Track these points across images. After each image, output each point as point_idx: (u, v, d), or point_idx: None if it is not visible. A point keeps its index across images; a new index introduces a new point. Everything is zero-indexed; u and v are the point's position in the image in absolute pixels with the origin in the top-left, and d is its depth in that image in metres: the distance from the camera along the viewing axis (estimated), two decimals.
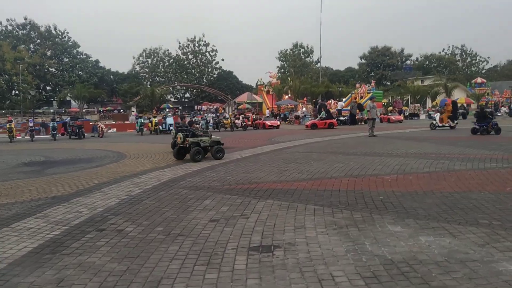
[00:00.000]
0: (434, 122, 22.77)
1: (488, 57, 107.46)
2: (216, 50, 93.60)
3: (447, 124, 22.47)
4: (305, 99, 59.66)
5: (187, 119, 24.73)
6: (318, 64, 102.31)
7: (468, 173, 9.06)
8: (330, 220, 5.80)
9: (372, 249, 4.61)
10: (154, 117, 26.17)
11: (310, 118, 28.71)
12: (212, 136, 13.10)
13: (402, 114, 35.56)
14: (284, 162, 11.63)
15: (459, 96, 63.48)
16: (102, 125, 24.17)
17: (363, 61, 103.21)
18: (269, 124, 26.90)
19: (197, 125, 15.51)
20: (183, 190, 8.16)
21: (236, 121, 26.04)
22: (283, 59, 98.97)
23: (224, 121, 26.55)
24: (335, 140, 17.82)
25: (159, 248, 4.86)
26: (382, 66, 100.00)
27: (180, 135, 12.56)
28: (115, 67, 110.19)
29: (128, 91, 64.95)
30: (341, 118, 29.82)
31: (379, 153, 13.02)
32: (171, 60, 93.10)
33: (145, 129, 25.12)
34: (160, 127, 24.58)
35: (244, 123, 25.65)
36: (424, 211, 6.12)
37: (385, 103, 53.45)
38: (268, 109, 57.40)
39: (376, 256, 4.40)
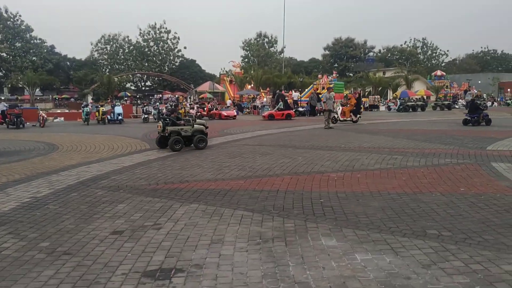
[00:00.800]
0: (336, 116, 20.95)
1: (448, 51, 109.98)
2: (178, 38, 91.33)
3: (348, 119, 21.20)
4: (268, 89, 58.88)
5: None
6: (282, 54, 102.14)
7: (421, 171, 8.38)
8: (256, 231, 4.88)
9: (295, 273, 3.71)
10: (102, 105, 24.59)
11: (269, 109, 27.83)
12: (195, 125, 12.52)
13: (361, 106, 35.14)
14: (228, 156, 10.67)
15: (420, 88, 64.26)
16: (43, 114, 22.40)
17: (327, 52, 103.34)
18: (225, 114, 25.78)
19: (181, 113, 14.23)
20: (100, 191, 7.07)
21: (191, 111, 24.85)
22: (247, 48, 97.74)
23: (179, 111, 25.29)
24: (289, 132, 17.00)
25: (30, 274, 3.81)
26: (345, 57, 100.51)
27: (159, 123, 12.21)
28: (73, 54, 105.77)
29: (83, 78, 62.17)
30: (300, 109, 29.10)
31: (331, 147, 12.26)
32: (131, 47, 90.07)
33: (92, 119, 23.58)
34: (109, 116, 23.08)
35: (199, 113, 24.49)
36: (366, 218, 5.30)
37: (347, 95, 53.29)
38: (230, 99, 56.28)
39: (298, 284, 3.51)
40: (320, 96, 30.19)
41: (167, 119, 12.32)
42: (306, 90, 52.04)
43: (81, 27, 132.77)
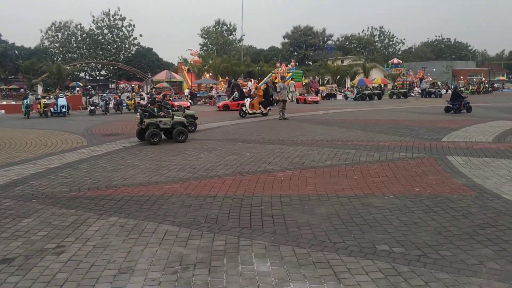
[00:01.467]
0: (244, 108, 19.38)
1: (404, 39, 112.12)
2: (134, 25, 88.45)
3: (258, 111, 19.44)
4: (226, 78, 57.81)
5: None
6: (241, 42, 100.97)
7: (374, 167, 7.80)
8: (178, 253, 4.08)
9: None
10: (43, 97, 22.92)
11: (225, 99, 26.89)
12: (175, 117, 11.97)
13: (319, 95, 34.86)
14: (169, 154, 9.77)
15: (377, 76, 64.89)
16: None
17: (286, 40, 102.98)
18: (177, 105, 24.56)
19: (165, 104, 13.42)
20: (8, 201, 6.05)
21: (141, 101, 23.57)
22: (206, 36, 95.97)
23: (128, 102, 23.95)
24: (242, 124, 16.21)
25: None
26: (304, 46, 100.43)
27: (137, 115, 11.67)
28: (21, 42, 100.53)
29: (31, 68, 58.95)
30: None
31: (282, 140, 11.56)
32: (84, 35, 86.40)
33: (35, 111, 21.93)
34: (52, 109, 21.49)
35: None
36: (310, 231, 4.61)
37: (306, 83, 53.06)
38: (188, 88, 54.84)
39: None
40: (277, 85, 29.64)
41: (146, 111, 11.72)
42: (265, 78, 51.49)
43: (30, 14, 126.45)
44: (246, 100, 19.95)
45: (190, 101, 28.36)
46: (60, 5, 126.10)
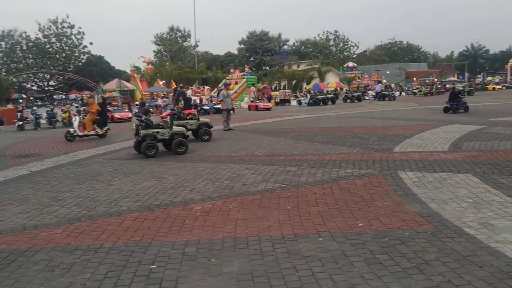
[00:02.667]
0: (72, 130, 15.06)
1: (358, 42, 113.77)
2: (83, 33, 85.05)
3: (91, 132, 15.35)
4: (181, 85, 55.97)
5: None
6: (197, 48, 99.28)
7: (314, 192, 6.51)
8: None
9: None
10: None
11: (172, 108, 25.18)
12: (174, 127, 11.21)
13: (272, 101, 33.79)
14: (78, 180, 8.18)
15: (333, 80, 64.88)
16: None
17: (242, 46, 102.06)
18: (118, 116, 22.75)
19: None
20: None
21: (73, 113, 21.59)
22: (160, 43, 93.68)
23: (63, 115, 21.88)
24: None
25: None
26: (261, 51, 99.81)
27: (133, 126, 11.09)
28: None
29: None
30: (206, 107, 26.79)
31: (218, 156, 10.17)
32: (30, 44, 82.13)
33: None
34: None
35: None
36: None
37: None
38: (142, 97, 52.64)
39: None
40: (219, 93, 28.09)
41: (142, 121, 11.06)
42: (220, 85, 50.17)
43: None
44: (74, 118, 15.90)
45: (130, 112, 26.43)
46: (4, 14, 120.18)
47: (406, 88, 56.10)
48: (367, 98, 38.33)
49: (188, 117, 13.26)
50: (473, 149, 9.58)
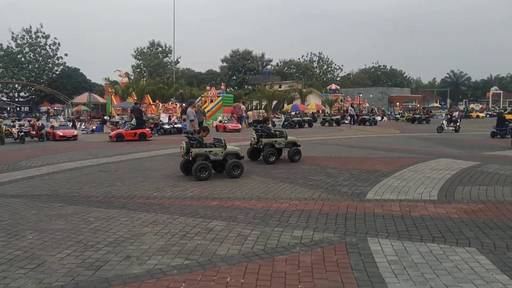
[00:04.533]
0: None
1: (342, 65, 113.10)
2: (59, 44, 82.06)
3: None
4: (157, 101, 53.42)
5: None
6: (178, 65, 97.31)
7: (226, 280, 3.96)
8: None
9: None
10: None
11: (130, 126, 22.48)
12: (228, 147, 9.97)
13: (245, 122, 31.36)
14: None
15: (314, 101, 63.06)
16: None
17: (225, 64, 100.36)
18: (60, 134, 19.91)
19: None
20: None
21: (13, 129, 18.81)
22: (139, 57, 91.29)
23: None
24: (108, 165, 12.01)
25: None
26: (243, 70, 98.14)
27: (183, 144, 9.87)
28: None
29: None
30: (166, 126, 24.08)
31: (117, 197, 7.55)
32: (2, 53, 78.73)
33: None
34: None
35: (22, 133, 18.45)
36: None
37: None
38: (116, 112, 49.77)
39: None
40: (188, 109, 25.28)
41: (192, 139, 9.85)
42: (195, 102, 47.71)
43: None
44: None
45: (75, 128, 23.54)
46: None
47: (389, 113, 54.45)
48: (346, 122, 36.19)
49: (212, 144, 10.20)
50: (470, 198, 7.18)
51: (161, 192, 7.93)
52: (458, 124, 24.33)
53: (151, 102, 52.79)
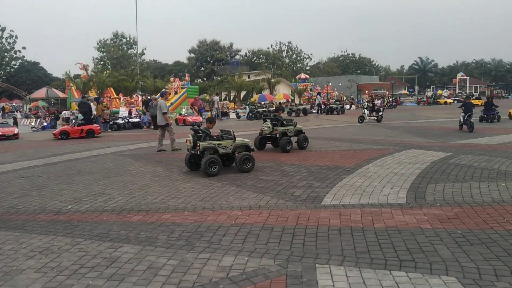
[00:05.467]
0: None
1: (311, 54, 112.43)
2: (16, 37, 78.10)
3: None
4: (121, 94, 51.26)
5: None
6: (144, 56, 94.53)
7: None
8: None
9: None
10: None
11: (78, 122, 20.66)
12: (237, 139, 9.25)
13: (209, 113, 29.89)
14: None
15: (283, 91, 62.10)
16: None
17: (192, 55, 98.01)
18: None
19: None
20: None
21: None
22: (103, 49, 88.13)
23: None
24: (42, 168, 10.47)
25: None
26: (212, 60, 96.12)
27: (189, 137, 8.99)
28: None
29: None
30: (119, 121, 22.33)
31: (28, 212, 6.13)
32: None
33: None
34: None
35: None
36: None
37: (209, 100, 48.02)
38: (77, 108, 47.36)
39: None
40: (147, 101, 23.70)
41: (199, 131, 9.20)
42: (158, 94, 45.99)
43: None
44: None
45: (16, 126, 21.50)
46: None
47: (357, 101, 53.90)
48: (314, 111, 35.18)
49: (220, 136, 9.30)
50: (444, 200, 6.08)
51: (77, 204, 6.52)
52: (380, 113, 22.21)
53: (115, 95, 50.67)
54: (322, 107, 34.29)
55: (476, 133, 15.12)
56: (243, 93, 62.77)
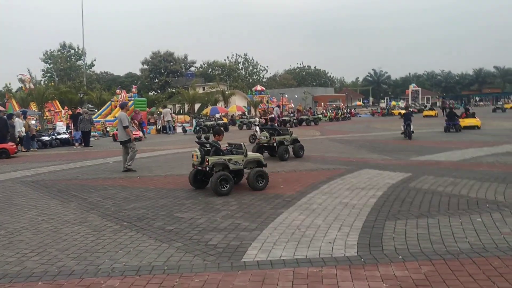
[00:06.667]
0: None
1: (267, 66, 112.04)
2: None
3: None
4: (66, 108, 48.03)
5: None
6: (93, 68, 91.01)
7: None
8: None
9: None
10: None
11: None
12: (249, 153, 8.17)
13: (154, 127, 27.74)
14: None
15: (239, 103, 60.68)
16: None
17: (145, 66, 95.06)
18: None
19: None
20: None
21: None
22: (49, 61, 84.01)
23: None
24: None
25: None
26: (166, 72, 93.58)
27: (196, 152, 7.91)
28: None
29: None
30: (45, 138, 19.72)
31: None
32: None
33: None
34: None
35: None
36: None
37: (160, 113, 45.69)
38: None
39: None
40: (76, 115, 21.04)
41: (207, 144, 8.05)
42: (104, 107, 43.40)
43: None
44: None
45: None
46: None
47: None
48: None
49: (230, 150, 8.23)
50: (408, 250, 4.50)
51: None
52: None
53: (60, 109, 47.58)
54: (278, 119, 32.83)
55: (434, 147, 13.95)
56: (197, 105, 60.85)
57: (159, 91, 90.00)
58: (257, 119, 18.48)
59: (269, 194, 7.39)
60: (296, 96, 74.10)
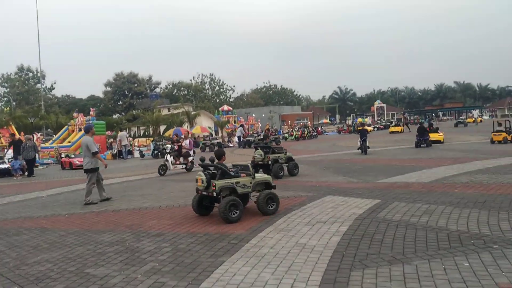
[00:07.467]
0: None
1: (234, 86, 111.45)
2: None
3: None
4: (22, 133, 45.49)
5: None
6: (53, 91, 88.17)
7: None
8: None
9: None
10: None
11: None
12: (256, 175, 7.55)
13: (110, 152, 26.06)
14: None
15: (205, 124, 59.41)
16: None
17: (109, 88, 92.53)
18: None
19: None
20: None
21: None
22: (6, 84, 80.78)
23: None
24: None
25: None
26: (130, 94, 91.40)
27: (200, 175, 7.16)
28: None
29: None
30: (4, 166, 17.66)
31: None
32: None
33: None
34: None
35: None
36: None
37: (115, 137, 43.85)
38: None
39: None
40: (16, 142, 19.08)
41: (211, 167, 7.37)
42: (60, 132, 41.37)
43: None
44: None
45: None
46: None
47: (277, 133, 52.23)
48: (231, 145, 32.49)
49: (235, 172, 7.42)
50: None
51: None
52: (191, 158, 15.58)
53: (17, 134, 45.04)
54: (241, 140, 31.73)
55: (403, 167, 13.04)
56: (163, 127, 59.13)
57: (123, 113, 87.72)
58: (169, 145, 16.02)
59: (213, 234, 6.11)
60: (263, 115, 73.42)
